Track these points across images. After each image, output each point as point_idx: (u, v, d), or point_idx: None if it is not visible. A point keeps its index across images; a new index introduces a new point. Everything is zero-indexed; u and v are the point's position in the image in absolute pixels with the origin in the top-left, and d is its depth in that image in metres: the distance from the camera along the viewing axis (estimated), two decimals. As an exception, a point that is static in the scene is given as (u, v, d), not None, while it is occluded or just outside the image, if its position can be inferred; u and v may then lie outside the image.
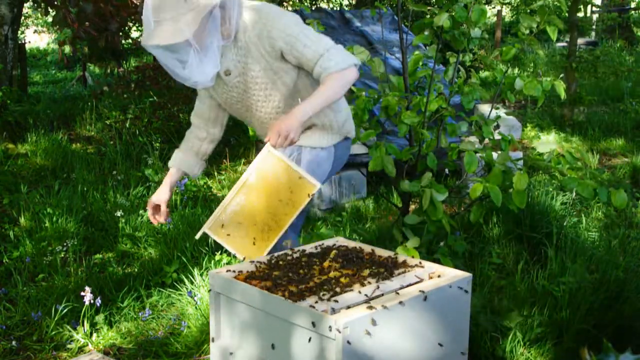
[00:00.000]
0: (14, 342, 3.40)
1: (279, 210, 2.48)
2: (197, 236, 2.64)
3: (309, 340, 1.91)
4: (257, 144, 7.43)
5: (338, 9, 15.65)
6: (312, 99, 2.50)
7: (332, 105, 2.66)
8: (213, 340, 2.26)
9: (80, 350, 3.38)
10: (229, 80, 2.65)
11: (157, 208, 2.87)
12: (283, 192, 2.47)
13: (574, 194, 4.72)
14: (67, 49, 14.85)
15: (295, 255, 2.40)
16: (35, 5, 6.72)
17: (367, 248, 2.47)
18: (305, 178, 2.48)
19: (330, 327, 1.83)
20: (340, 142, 2.78)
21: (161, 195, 2.86)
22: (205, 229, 2.52)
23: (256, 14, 2.55)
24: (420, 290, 2.05)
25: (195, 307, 3.50)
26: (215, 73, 2.55)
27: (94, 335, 3.47)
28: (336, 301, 1.96)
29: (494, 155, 3.05)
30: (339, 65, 2.51)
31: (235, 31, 2.54)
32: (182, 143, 2.96)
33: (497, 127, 3.37)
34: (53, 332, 3.47)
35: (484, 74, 10.40)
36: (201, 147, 2.93)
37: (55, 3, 6.31)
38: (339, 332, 1.81)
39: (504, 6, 19.07)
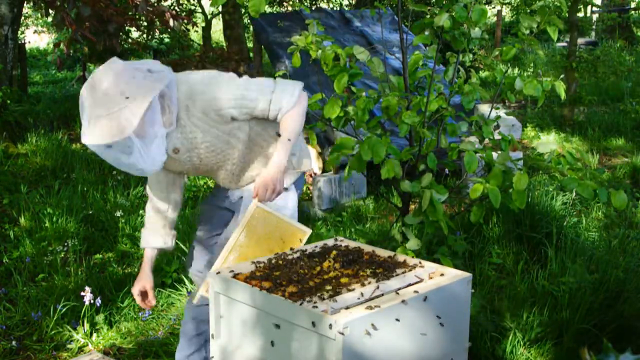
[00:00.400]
0: (14, 342, 3.40)
1: None
2: (195, 301, 2.59)
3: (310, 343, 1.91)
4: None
5: (338, 9, 15.65)
6: (283, 143, 2.50)
7: None
8: (212, 337, 2.27)
9: (80, 350, 3.38)
10: (179, 157, 2.59)
11: (144, 294, 2.75)
12: (275, 243, 2.51)
13: (574, 194, 4.72)
14: (60, 50, 14.92)
15: (295, 255, 2.40)
16: (36, 5, 6.72)
17: (367, 248, 2.47)
18: (295, 227, 2.54)
19: (330, 327, 1.83)
20: (298, 179, 2.79)
21: (146, 282, 2.74)
22: (202, 293, 2.50)
23: (192, 91, 2.47)
24: (419, 291, 2.05)
25: (195, 307, 3.50)
26: (163, 160, 2.45)
27: (94, 335, 3.47)
28: (336, 301, 1.96)
29: (494, 155, 3.05)
30: (291, 101, 2.51)
31: (177, 113, 2.45)
32: (146, 221, 2.82)
33: (497, 127, 3.36)
34: (53, 332, 3.47)
35: (484, 74, 10.40)
36: (167, 218, 2.79)
37: (57, 4, 6.31)
38: (339, 332, 1.81)
39: (504, 6, 19.07)
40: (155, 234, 2.79)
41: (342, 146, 2.97)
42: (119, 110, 2.24)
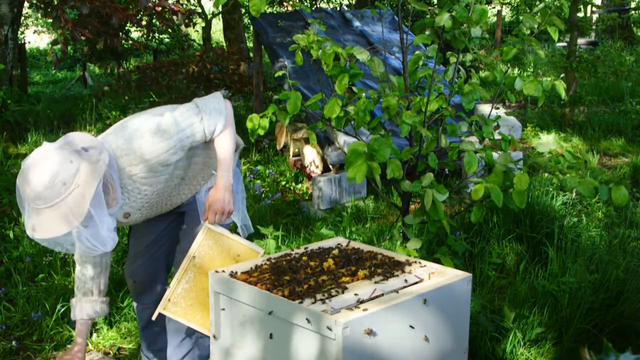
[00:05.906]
0: (14, 342, 3.40)
1: None
2: (154, 317, 2.58)
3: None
4: (257, 144, 7.44)
5: (338, 9, 15.65)
6: (223, 163, 2.52)
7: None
8: (215, 338, 2.26)
9: (80, 350, 3.37)
10: (131, 219, 2.57)
11: None
12: (229, 263, 2.53)
13: (574, 194, 4.72)
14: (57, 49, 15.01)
15: (295, 255, 2.40)
16: (35, 6, 6.72)
17: (368, 248, 2.47)
18: (248, 246, 2.56)
19: (329, 327, 1.83)
20: (236, 160, 2.81)
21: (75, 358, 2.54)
22: (160, 310, 2.53)
23: (134, 157, 2.38)
24: (419, 291, 2.05)
25: (195, 307, 3.49)
26: (116, 239, 2.31)
27: (94, 335, 3.47)
28: (336, 301, 1.96)
29: (494, 155, 3.05)
30: (220, 121, 2.51)
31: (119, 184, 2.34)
32: (77, 291, 2.61)
33: (497, 127, 3.36)
34: (53, 332, 3.47)
35: (484, 74, 10.39)
36: (100, 284, 2.61)
37: (54, 2, 6.31)
38: (339, 332, 1.81)
39: (504, 6, 19.06)
40: (91, 304, 2.61)
41: (355, 152, 2.89)
42: (60, 200, 2.11)
